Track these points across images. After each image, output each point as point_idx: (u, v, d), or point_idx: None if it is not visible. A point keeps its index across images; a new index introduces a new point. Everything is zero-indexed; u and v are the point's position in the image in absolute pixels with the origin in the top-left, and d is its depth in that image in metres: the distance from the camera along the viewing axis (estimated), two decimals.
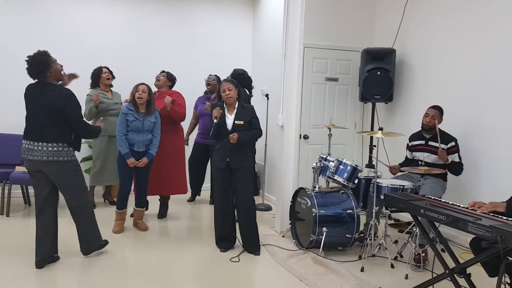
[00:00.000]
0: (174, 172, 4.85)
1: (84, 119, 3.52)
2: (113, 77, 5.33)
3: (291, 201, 4.27)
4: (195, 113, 5.55)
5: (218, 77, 5.50)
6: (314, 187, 4.11)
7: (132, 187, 4.44)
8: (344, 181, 4.03)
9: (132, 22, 6.04)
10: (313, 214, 3.82)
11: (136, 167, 4.31)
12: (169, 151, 4.77)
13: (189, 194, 5.78)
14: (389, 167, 4.33)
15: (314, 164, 4.21)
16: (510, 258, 2.75)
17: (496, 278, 2.58)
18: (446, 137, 4.14)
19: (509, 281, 2.94)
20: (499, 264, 2.48)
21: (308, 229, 3.94)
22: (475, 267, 3.08)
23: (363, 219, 4.19)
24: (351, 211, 3.92)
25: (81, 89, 5.02)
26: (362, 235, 4.07)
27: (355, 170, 4.03)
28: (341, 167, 4.06)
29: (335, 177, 4.06)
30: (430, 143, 4.17)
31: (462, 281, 2.81)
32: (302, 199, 4.09)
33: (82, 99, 4.84)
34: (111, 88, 5.35)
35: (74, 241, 3.71)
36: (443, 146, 4.06)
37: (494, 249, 2.51)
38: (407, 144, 4.45)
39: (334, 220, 3.88)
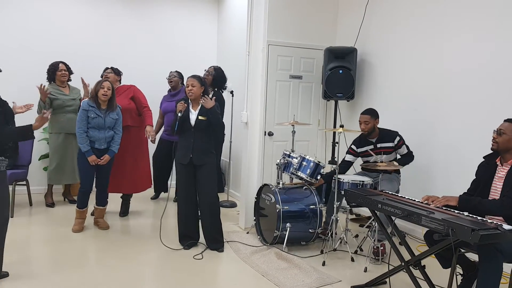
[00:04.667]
0: (138, 168, 4.76)
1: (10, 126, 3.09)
2: (71, 73, 5.15)
3: (256, 198, 4.30)
4: (161, 112, 5.49)
5: (180, 73, 5.48)
6: (278, 183, 4.16)
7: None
8: (307, 177, 4.09)
9: (91, 16, 5.88)
10: (277, 210, 3.86)
11: (98, 165, 4.22)
12: (133, 145, 4.68)
13: (151, 192, 5.73)
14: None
15: (278, 161, 4.25)
16: (462, 250, 2.89)
17: (449, 270, 2.71)
18: (390, 135, 4.25)
19: (461, 272, 3.09)
20: (452, 256, 2.60)
21: (272, 225, 3.98)
22: (430, 259, 3.22)
23: (325, 214, 4.27)
24: (313, 206, 3.99)
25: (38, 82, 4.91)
26: (324, 230, 4.16)
27: (317, 166, 4.10)
28: (304, 163, 4.12)
29: (298, 173, 4.12)
30: (379, 145, 4.26)
31: (417, 273, 2.93)
32: (266, 195, 4.13)
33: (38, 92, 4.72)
34: (69, 83, 5.16)
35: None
36: (390, 144, 4.21)
37: (446, 241, 2.62)
38: (350, 147, 4.41)
39: (297, 215, 3.94)
